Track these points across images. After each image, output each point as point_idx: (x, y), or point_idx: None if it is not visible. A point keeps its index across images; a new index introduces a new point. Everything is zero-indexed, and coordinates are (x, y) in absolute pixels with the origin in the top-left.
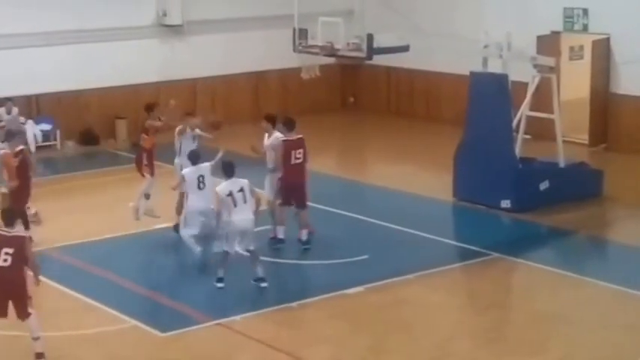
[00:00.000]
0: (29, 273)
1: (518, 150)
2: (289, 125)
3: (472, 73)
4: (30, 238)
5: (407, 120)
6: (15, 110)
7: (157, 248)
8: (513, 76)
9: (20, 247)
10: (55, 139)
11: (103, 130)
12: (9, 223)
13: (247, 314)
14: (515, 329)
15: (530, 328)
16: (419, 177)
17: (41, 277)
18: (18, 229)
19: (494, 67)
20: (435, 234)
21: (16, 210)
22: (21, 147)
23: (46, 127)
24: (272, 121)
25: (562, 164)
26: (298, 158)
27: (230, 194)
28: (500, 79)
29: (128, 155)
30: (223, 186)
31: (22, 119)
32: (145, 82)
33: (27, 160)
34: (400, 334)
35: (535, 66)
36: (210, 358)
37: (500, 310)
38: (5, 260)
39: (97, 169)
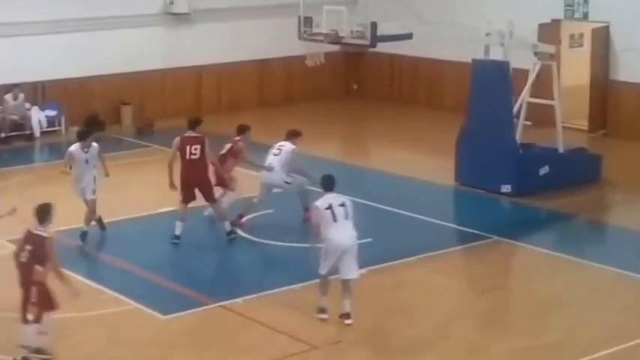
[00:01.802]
0: (45, 275)
1: (518, 136)
2: (190, 124)
3: (474, 61)
4: (51, 239)
5: (410, 107)
6: (21, 96)
7: (159, 231)
8: (514, 64)
9: (38, 245)
10: (60, 125)
11: (108, 116)
12: (40, 220)
13: (249, 296)
14: (514, 311)
15: (529, 311)
16: (421, 162)
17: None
18: (43, 228)
19: (496, 54)
20: (436, 218)
21: (50, 208)
22: None
23: (51, 113)
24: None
25: (562, 150)
26: (194, 154)
27: (329, 207)
28: (502, 67)
29: (133, 141)
30: (323, 200)
31: (27, 105)
32: (150, 69)
33: None
34: (401, 316)
35: (536, 53)
36: (211, 340)
37: (500, 292)
38: (24, 257)
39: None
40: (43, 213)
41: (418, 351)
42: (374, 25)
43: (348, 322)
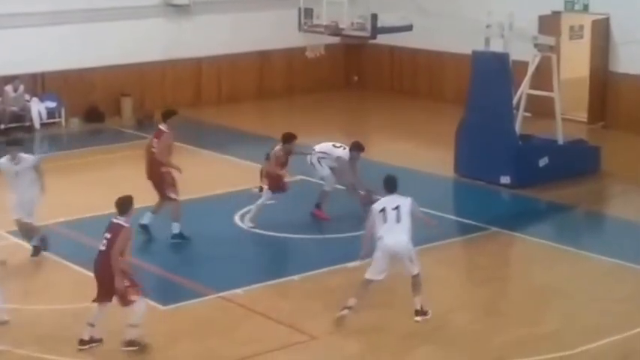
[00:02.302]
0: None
1: (518, 127)
2: (162, 116)
3: (474, 52)
4: (128, 230)
5: (410, 98)
6: (21, 88)
7: (160, 223)
8: (514, 55)
9: (115, 234)
10: (60, 117)
11: (108, 107)
12: (121, 211)
13: (249, 287)
14: (513, 302)
15: (527, 301)
16: (421, 153)
17: (45, 252)
18: (124, 219)
19: (496, 46)
20: (435, 209)
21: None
22: None
23: (51, 104)
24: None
25: (561, 141)
26: (154, 147)
27: (383, 210)
28: (502, 58)
29: (133, 132)
30: (380, 202)
31: (27, 97)
32: (150, 60)
33: None
34: (399, 306)
35: (536, 45)
36: (211, 330)
37: (499, 283)
38: (103, 245)
39: (102, 146)
40: (122, 205)
41: (417, 341)
42: (374, 17)
43: (416, 319)
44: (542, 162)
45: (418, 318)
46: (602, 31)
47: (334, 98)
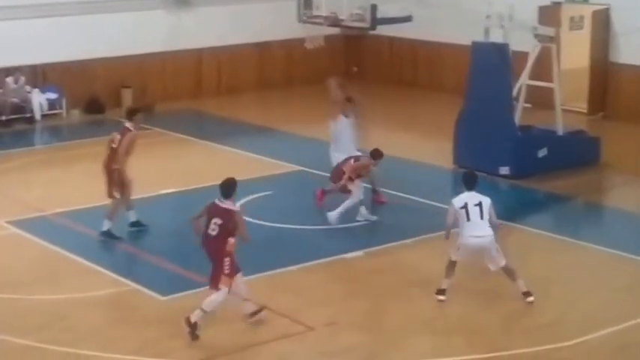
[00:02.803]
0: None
1: (517, 118)
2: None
3: (474, 43)
4: (240, 212)
5: (409, 89)
6: (22, 79)
7: (159, 213)
8: (514, 46)
9: (228, 219)
10: (61, 108)
11: (109, 98)
12: (226, 195)
13: (248, 277)
14: (511, 292)
15: None
16: (420, 144)
17: (45, 242)
18: (230, 202)
19: (496, 37)
20: (434, 200)
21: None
22: None
23: (52, 95)
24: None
25: (561, 132)
26: (114, 143)
27: (464, 207)
28: (502, 49)
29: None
30: (459, 198)
31: (28, 88)
32: (150, 52)
33: None
34: (397, 297)
35: (536, 36)
36: (210, 321)
37: (497, 273)
38: (213, 230)
39: (103, 137)
40: (229, 188)
41: (414, 331)
42: (374, 8)
43: (529, 299)
44: (542, 153)
45: (530, 299)
46: (602, 22)
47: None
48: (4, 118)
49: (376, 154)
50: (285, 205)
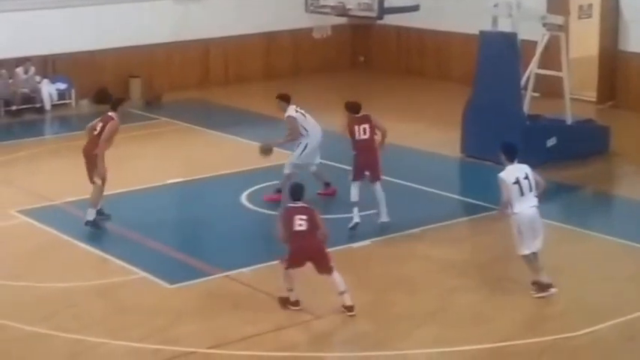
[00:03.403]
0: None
1: (526, 107)
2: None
3: (482, 32)
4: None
5: (417, 79)
6: (32, 70)
7: (168, 202)
8: (522, 35)
9: (311, 216)
10: (70, 98)
11: (117, 88)
12: (295, 198)
13: (255, 266)
14: (518, 282)
15: None
16: (427, 134)
17: (54, 231)
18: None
19: (504, 26)
20: (442, 189)
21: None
22: None
23: (62, 86)
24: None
25: (569, 121)
26: (96, 130)
27: (517, 182)
28: (510, 38)
29: (141, 114)
30: (508, 172)
31: (37, 78)
32: (158, 42)
33: None
34: (404, 287)
35: (544, 24)
36: (217, 310)
37: (504, 263)
38: (301, 225)
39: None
40: (298, 193)
41: (421, 320)
42: None
43: (553, 290)
44: (551, 142)
45: (554, 290)
46: (611, 10)
47: (341, 79)
48: (14, 108)
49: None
50: None
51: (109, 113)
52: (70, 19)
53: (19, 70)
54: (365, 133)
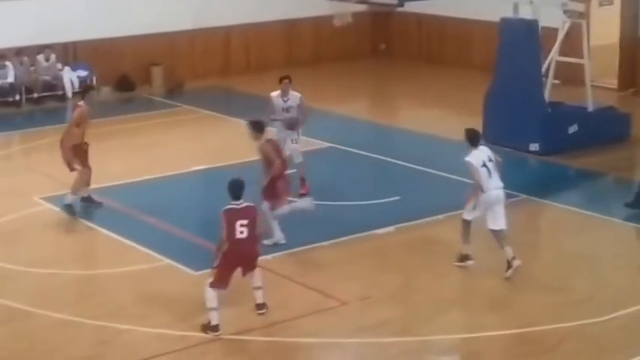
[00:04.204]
0: None
1: (547, 94)
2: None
3: (502, 20)
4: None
5: (437, 66)
6: (53, 57)
7: (192, 190)
8: (543, 22)
9: (253, 218)
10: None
11: (139, 76)
12: (235, 196)
13: (279, 253)
14: (540, 268)
15: (555, 267)
16: (449, 121)
17: (79, 218)
18: (247, 202)
19: (525, 13)
20: (464, 176)
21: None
22: None
23: (83, 73)
24: None
25: (590, 108)
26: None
27: (484, 165)
28: (531, 25)
29: (163, 101)
30: (474, 156)
31: (59, 66)
32: (180, 29)
33: None
34: (428, 272)
35: (565, 12)
36: (242, 296)
37: (527, 249)
38: (242, 232)
39: (133, 114)
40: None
41: (445, 307)
42: None
43: (516, 263)
44: (572, 129)
45: (516, 262)
46: None
47: (361, 66)
48: (35, 95)
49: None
50: (315, 182)
51: (79, 103)
52: (91, 6)
53: (40, 57)
54: None
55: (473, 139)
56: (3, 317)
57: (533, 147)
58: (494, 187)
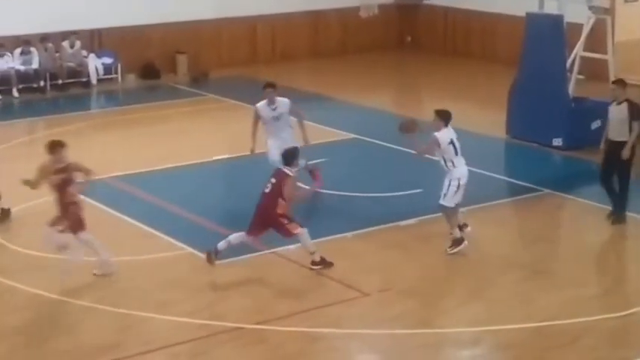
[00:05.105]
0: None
1: (571, 90)
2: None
3: (528, 14)
4: (293, 179)
5: (462, 59)
6: (78, 44)
7: (215, 178)
8: (568, 17)
9: (280, 180)
10: (117, 73)
11: (164, 64)
12: (287, 162)
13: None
14: (562, 263)
15: (577, 262)
16: (473, 114)
17: (101, 205)
18: (289, 169)
19: (551, 8)
20: (487, 170)
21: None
22: None
23: (108, 60)
24: None
25: None
26: None
27: (451, 142)
28: (556, 20)
29: (188, 89)
30: (443, 133)
31: (84, 53)
32: (206, 18)
33: None
34: (448, 265)
35: (590, 7)
36: (264, 286)
37: (549, 244)
38: (268, 188)
39: (157, 102)
40: (291, 156)
41: (466, 300)
42: None
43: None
44: (595, 125)
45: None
46: None
47: (387, 58)
48: (60, 82)
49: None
50: (339, 173)
51: None
52: None
53: (65, 43)
54: None
55: (447, 117)
56: (26, 303)
57: (557, 142)
58: (463, 163)
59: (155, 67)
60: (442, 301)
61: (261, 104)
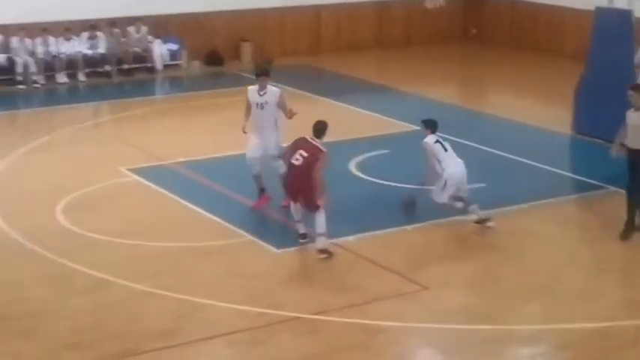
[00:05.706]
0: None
1: None
2: None
3: (597, 9)
4: (327, 155)
5: (528, 53)
6: (144, 29)
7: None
8: (638, 12)
9: (313, 155)
10: (181, 59)
11: (228, 51)
12: (318, 134)
13: (362, 235)
14: (626, 262)
15: None
16: (538, 109)
17: (163, 190)
18: (320, 142)
19: (620, 2)
20: (552, 166)
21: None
22: None
23: (173, 46)
24: None
25: None
26: None
27: (437, 141)
28: (625, 15)
29: (251, 77)
30: (429, 138)
31: (149, 38)
32: (271, 6)
33: None
34: (511, 260)
35: None
36: (321, 276)
37: (613, 242)
38: (297, 160)
39: (221, 89)
40: (322, 128)
41: (527, 296)
42: None
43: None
44: None
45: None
46: None
47: (452, 50)
48: (125, 66)
49: None
50: (401, 165)
51: None
52: None
53: (131, 29)
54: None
55: (432, 126)
56: (86, 286)
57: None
58: (454, 163)
59: (219, 54)
60: (503, 297)
61: (252, 87)
